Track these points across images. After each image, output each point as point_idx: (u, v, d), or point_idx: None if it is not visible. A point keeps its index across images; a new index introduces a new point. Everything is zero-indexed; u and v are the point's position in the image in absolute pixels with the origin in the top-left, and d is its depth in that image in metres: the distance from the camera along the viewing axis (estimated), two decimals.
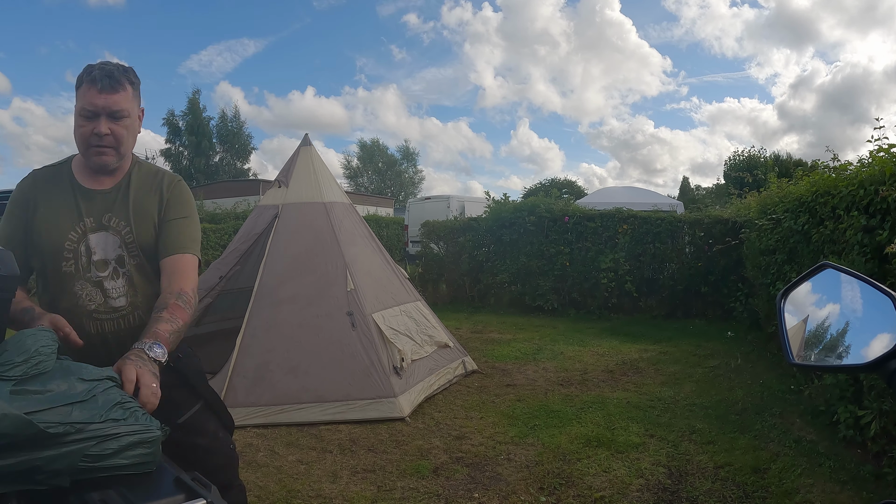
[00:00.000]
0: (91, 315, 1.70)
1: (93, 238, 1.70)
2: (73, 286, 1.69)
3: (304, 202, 5.11)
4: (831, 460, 3.40)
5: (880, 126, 3.90)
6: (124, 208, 1.74)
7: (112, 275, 1.72)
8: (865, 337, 0.91)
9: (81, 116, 1.65)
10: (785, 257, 5.13)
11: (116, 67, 1.68)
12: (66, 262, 1.69)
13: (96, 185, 1.74)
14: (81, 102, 1.64)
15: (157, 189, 1.80)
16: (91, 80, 1.62)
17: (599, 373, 5.53)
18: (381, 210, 26.46)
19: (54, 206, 1.70)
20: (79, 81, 1.66)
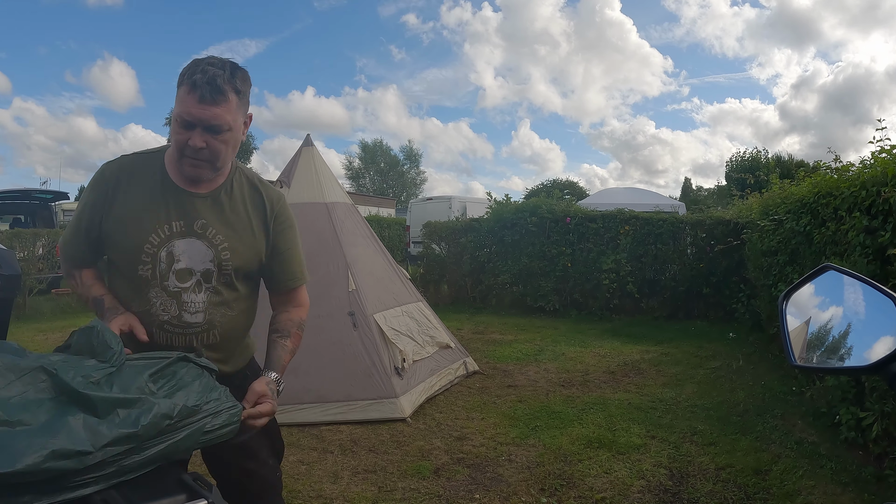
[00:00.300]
0: (162, 326, 1.55)
1: (179, 244, 1.54)
2: (148, 292, 1.54)
3: (306, 202, 5.11)
4: (833, 462, 3.39)
5: (882, 127, 3.90)
6: (222, 220, 1.58)
7: (194, 288, 1.55)
8: (867, 339, 0.91)
9: (177, 122, 1.46)
10: (787, 258, 5.12)
11: (222, 73, 1.45)
12: (143, 265, 1.52)
13: (191, 187, 1.56)
14: (179, 107, 1.45)
15: (260, 206, 1.65)
16: (192, 85, 1.42)
17: (601, 374, 5.53)
18: (382, 211, 26.47)
19: (139, 200, 1.53)
20: (180, 79, 1.46)
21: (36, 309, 9.19)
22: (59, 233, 11.36)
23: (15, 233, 10.28)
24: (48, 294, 10.05)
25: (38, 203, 12.94)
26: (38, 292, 9.62)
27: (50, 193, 13.18)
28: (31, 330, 7.84)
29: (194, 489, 1.14)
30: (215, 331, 1.60)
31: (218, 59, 1.49)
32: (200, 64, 1.46)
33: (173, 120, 1.48)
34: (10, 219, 13.99)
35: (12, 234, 10.12)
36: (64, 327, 8.09)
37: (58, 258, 1.64)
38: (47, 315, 9.07)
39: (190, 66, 1.46)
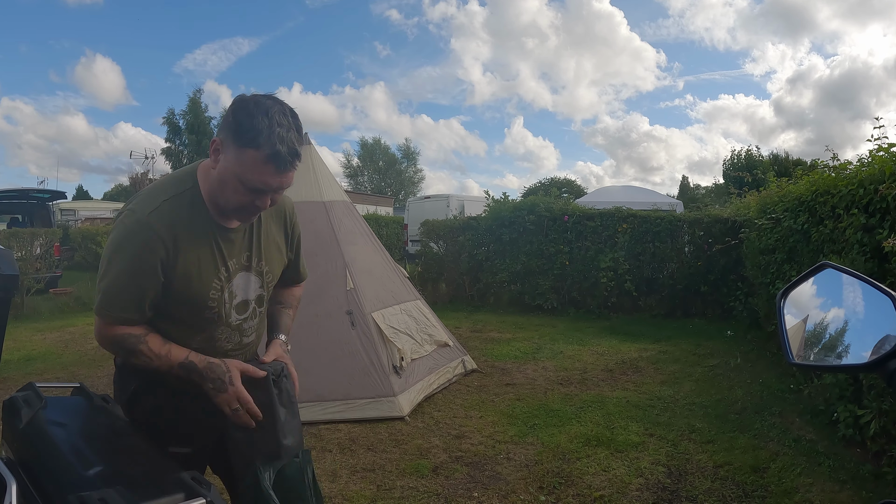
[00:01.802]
0: (225, 353, 1.59)
1: (235, 281, 1.57)
2: (214, 331, 1.58)
3: (304, 201, 5.09)
4: (831, 459, 3.40)
5: (880, 126, 3.91)
6: (260, 245, 1.62)
7: (251, 315, 1.64)
8: (865, 336, 0.91)
9: (243, 186, 1.39)
10: (784, 256, 5.13)
11: (297, 136, 1.40)
12: (209, 310, 1.54)
13: (231, 223, 1.55)
14: (250, 174, 1.37)
15: (280, 217, 1.70)
16: (273, 156, 1.35)
17: (599, 372, 5.54)
18: (380, 209, 26.45)
19: (196, 253, 1.49)
20: (245, 139, 1.35)
21: (34, 309, 9.17)
22: (57, 232, 11.37)
23: (13, 232, 10.27)
24: (46, 294, 10.04)
25: (35, 203, 12.92)
26: (35, 292, 9.60)
27: (47, 193, 13.16)
28: (29, 330, 7.83)
29: (193, 488, 1.14)
30: (259, 339, 1.75)
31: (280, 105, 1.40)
32: (269, 121, 1.35)
33: (234, 179, 1.40)
34: (7, 218, 13.98)
35: (10, 234, 10.11)
36: (62, 327, 8.09)
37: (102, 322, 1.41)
38: (45, 315, 9.05)
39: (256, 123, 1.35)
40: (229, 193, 1.43)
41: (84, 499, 1.05)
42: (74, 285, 10.66)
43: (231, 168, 1.39)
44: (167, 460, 1.34)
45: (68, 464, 1.25)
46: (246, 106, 1.38)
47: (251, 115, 1.36)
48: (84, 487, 1.11)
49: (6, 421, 1.52)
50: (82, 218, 20.54)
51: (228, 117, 1.40)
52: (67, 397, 1.71)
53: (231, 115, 1.39)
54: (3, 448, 1.51)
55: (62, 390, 1.81)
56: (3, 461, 1.25)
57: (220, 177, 1.43)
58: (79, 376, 5.43)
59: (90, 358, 6.24)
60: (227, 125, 1.40)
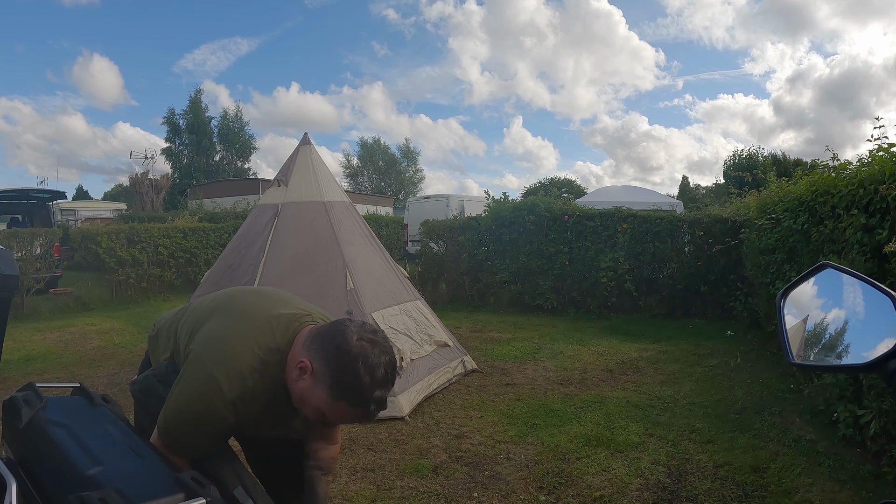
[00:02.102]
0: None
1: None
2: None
3: (304, 201, 5.10)
4: (831, 459, 3.40)
5: (880, 126, 3.90)
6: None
7: None
8: (865, 336, 0.91)
9: (320, 416, 1.48)
10: (784, 257, 5.13)
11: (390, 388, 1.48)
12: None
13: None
14: (334, 416, 1.46)
15: None
16: (365, 415, 1.43)
17: (599, 372, 5.54)
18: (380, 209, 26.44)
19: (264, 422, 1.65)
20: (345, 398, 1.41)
21: (34, 309, 9.17)
22: (57, 232, 11.36)
23: (13, 232, 10.26)
24: (46, 294, 10.03)
25: (35, 203, 12.92)
26: (35, 292, 9.60)
27: (47, 193, 13.16)
28: (29, 329, 7.83)
29: (193, 488, 1.14)
30: None
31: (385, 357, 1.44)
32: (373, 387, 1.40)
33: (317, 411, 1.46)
34: (7, 218, 13.97)
35: (10, 234, 10.10)
36: (62, 327, 8.09)
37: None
38: (45, 315, 9.05)
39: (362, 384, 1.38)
40: (306, 411, 1.49)
41: (84, 499, 1.05)
42: (74, 285, 10.66)
43: (318, 402, 1.44)
44: (167, 460, 1.34)
45: (68, 464, 1.25)
46: (348, 354, 1.39)
47: (355, 372, 1.38)
48: (84, 487, 1.11)
49: (6, 421, 1.52)
50: (82, 218, 20.55)
51: (325, 355, 1.42)
52: (67, 397, 1.71)
53: (330, 359, 1.41)
54: (3, 448, 1.51)
55: (62, 390, 1.81)
56: (3, 461, 1.25)
57: (303, 396, 1.47)
58: (79, 376, 5.43)
59: (90, 358, 6.24)
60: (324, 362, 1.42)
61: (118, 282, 10.44)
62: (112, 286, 10.40)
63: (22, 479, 1.23)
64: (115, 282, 10.42)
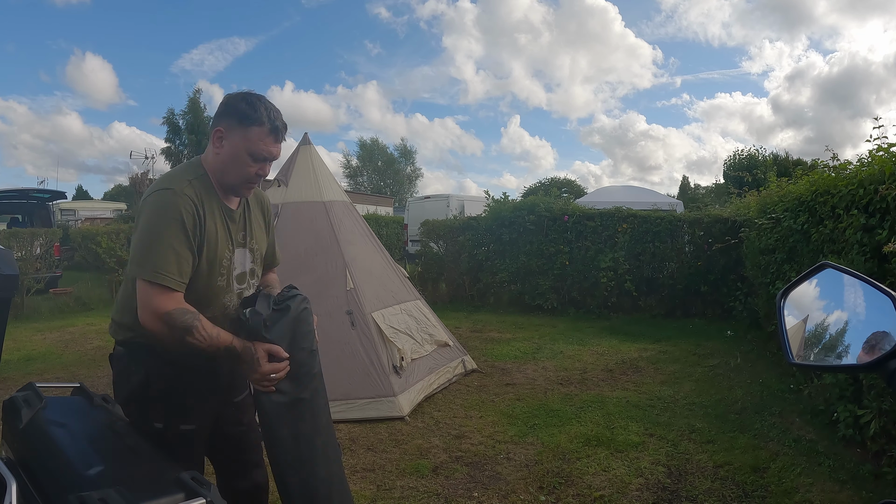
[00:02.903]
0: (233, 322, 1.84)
1: (236, 254, 1.86)
2: (223, 298, 1.83)
3: (304, 201, 5.10)
4: (831, 459, 3.40)
5: (879, 126, 3.90)
6: (251, 226, 1.92)
7: (247, 286, 1.91)
8: (866, 337, 0.91)
9: (251, 157, 1.73)
10: (784, 256, 5.13)
11: (281, 114, 1.78)
12: (221, 277, 1.80)
13: (232, 206, 1.86)
14: (256, 146, 1.72)
15: (259, 205, 2.00)
16: (273, 128, 1.73)
17: (599, 372, 5.54)
18: (380, 209, 26.45)
19: (215, 224, 1.77)
20: (250, 120, 1.71)
21: (34, 309, 9.17)
22: (57, 232, 11.35)
23: (13, 232, 10.26)
24: (46, 294, 10.03)
25: (35, 202, 12.91)
26: (35, 292, 9.60)
27: (47, 193, 13.15)
28: (29, 329, 7.83)
29: (193, 488, 1.14)
30: None
31: (266, 98, 1.78)
32: (264, 106, 1.73)
33: (243, 154, 1.73)
34: (7, 218, 13.97)
35: (10, 234, 10.10)
36: (62, 327, 8.09)
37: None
38: (45, 315, 9.05)
39: (257, 108, 1.71)
40: (238, 168, 1.75)
41: (84, 499, 1.05)
42: (74, 285, 10.66)
43: (240, 145, 1.72)
44: (167, 460, 1.34)
45: (68, 464, 1.25)
46: (244, 98, 1.74)
47: (251, 103, 1.72)
48: (84, 487, 1.11)
49: (6, 421, 1.52)
50: (82, 218, 20.56)
51: (229, 109, 1.73)
52: (67, 397, 1.71)
53: (231, 107, 1.73)
54: (3, 448, 1.51)
55: (62, 390, 1.82)
56: (3, 461, 1.25)
57: (228, 156, 1.75)
58: (79, 376, 5.43)
59: (90, 358, 6.24)
60: (229, 115, 1.73)
61: (118, 282, 10.42)
62: (112, 286, 10.40)
63: (22, 479, 1.23)
64: (115, 282, 10.41)
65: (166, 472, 1.23)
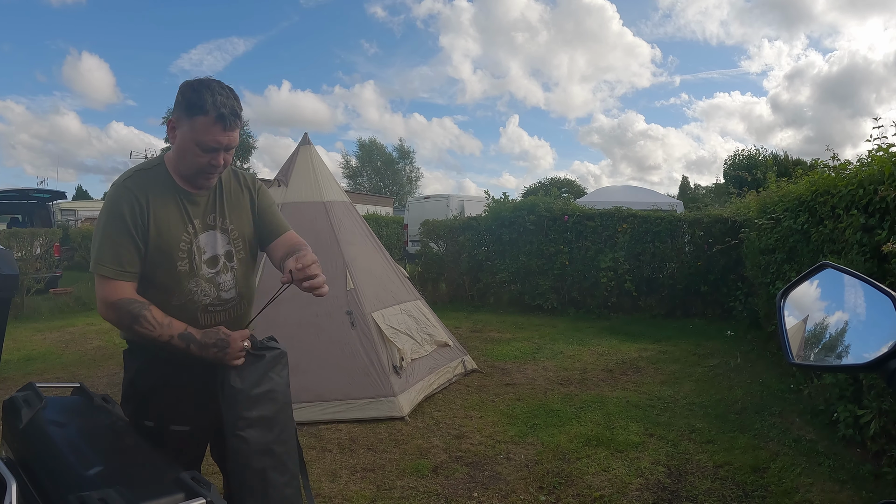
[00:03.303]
0: (206, 308, 1.79)
1: (202, 238, 1.80)
2: (188, 284, 1.76)
3: (304, 201, 5.10)
4: (831, 459, 3.40)
5: (879, 126, 3.90)
6: (224, 208, 1.85)
7: (223, 269, 1.83)
8: (865, 336, 0.91)
9: (199, 148, 1.66)
10: (784, 256, 5.13)
11: (235, 100, 1.69)
12: (181, 261, 1.75)
13: (195, 190, 1.80)
14: (203, 136, 1.65)
15: (244, 186, 1.93)
16: (219, 117, 1.64)
17: (599, 372, 5.54)
18: (380, 209, 26.45)
19: (165, 210, 1.73)
20: (195, 109, 1.64)
21: (34, 309, 9.17)
22: (57, 232, 11.36)
23: (13, 232, 10.26)
24: (46, 294, 10.04)
25: (35, 202, 12.92)
26: (35, 292, 9.60)
27: (47, 193, 13.15)
28: (29, 329, 7.83)
29: (193, 488, 1.14)
30: (244, 301, 1.90)
31: (218, 82, 1.69)
32: (211, 92, 1.64)
33: (190, 144, 1.67)
34: (7, 218, 13.97)
35: (10, 234, 10.11)
36: (62, 327, 8.09)
37: (116, 302, 1.55)
38: (45, 315, 9.05)
39: (205, 99, 1.62)
40: (189, 158, 1.69)
41: (84, 499, 1.05)
42: (74, 285, 10.66)
43: (187, 136, 1.66)
44: (167, 460, 1.34)
45: (68, 464, 1.25)
46: (191, 85, 1.67)
47: (196, 90, 1.64)
48: (84, 487, 1.11)
49: (6, 421, 1.52)
50: (82, 218, 20.55)
51: (179, 98, 1.68)
52: (67, 397, 1.71)
53: (181, 96, 1.67)
54: (3, 448, 1.51)
55: (62, 390, 1.82)
56: (3, 461, 1.25)
57: (179, 147, 1.70)
58: (79, 376, 5.43)
59: (90, 358, 6.24)
60: (178, 104, 1.68)
61: None
62: None
63: (22, 479, 1.23)
64: None
65: (166, 472, 1.23)
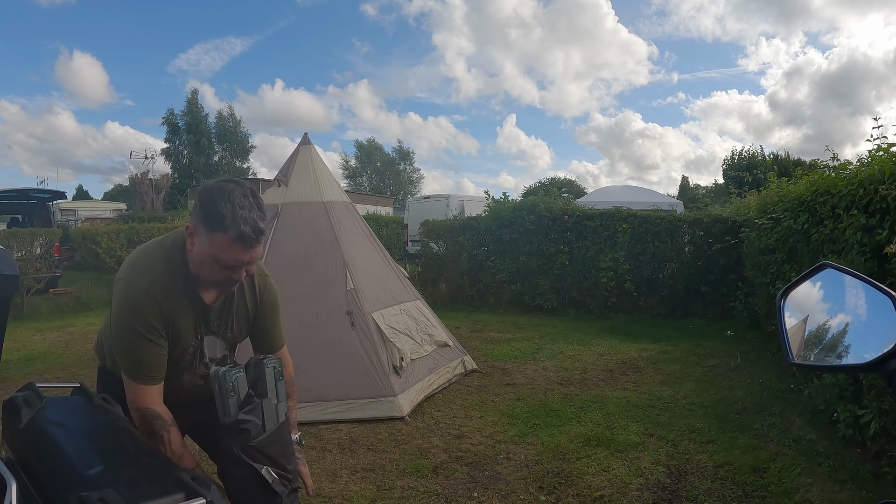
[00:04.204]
0: (186, 390, 1.84)
1: (205, 342, 1.82)
2: (182, 375, 1.81)
3: (304, 201, 5.10)
4: (831, 459, 3.40)
5: (879, 126, 3.90)
6: (229, 315, 1.84)
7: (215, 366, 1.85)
8: (865, 337, 0.91)
9: (218, 264, 1.59)
10: (784, 256, 5.13)
11: (258, 210, 1.59)
12: (183, 360, 1.79)
13: (210, 299, 1.77)
14: (221, 254, 1.57)
15: (251, 290, 1.87)
16: (239, 236, 1.54)
17: (599, 372, 5.54)
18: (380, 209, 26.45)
19: (182, 319, 1.72)
20: (213, 224, 1.54)
21: (34, 309, 9.17)
22: (57, 232, 11.35)
23: (13, 232, 10.26)
24: (46, 294, 10.03)
25: (35, 203, 12.91)
26: (35, 292, 9.60)
27: (47, 193, 13.14)
28: (29, 330, 7.83)
29: (192, 488, 1.14)
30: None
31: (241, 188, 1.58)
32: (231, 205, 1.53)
33: (209, 259, 1.59)
34: (7, 218, 13.96)
35: (10, 234, 10.10)
36: (62, 327, 8.09)
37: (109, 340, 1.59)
38: (45, 315, 9.05)
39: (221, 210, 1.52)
40: (208, 272, 1.63)
41: (84, 499, 1.05)
42: (74, 285, 10.66)
43: (205, 250, 1.58)
44: (167, 460, 1.34)
45: (68, 464, 1.25)
46: (210, 194, 1.56)
47: (215, 202, 1.54)
48: (84, 487, 1.11)
49: (6, 421, 1.52)
50: (82, 218, 20.54)
51: (197, 206, 1.59)
52: (67, 397, 1.71)
53: (199, 204, 1.58)
54: (3, 448, 1.51)
55: (62, 390, 1.81)
56: (3, 461, 1.25)
57: (197, 259, 1.63)
58: (79, 376, 5.42)
59: (90, 358, 6.23)
60: (196, 213, 1.59)
61: None
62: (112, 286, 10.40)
63: (22, 479, 1.23)
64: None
65: (166, 472, 1.23)
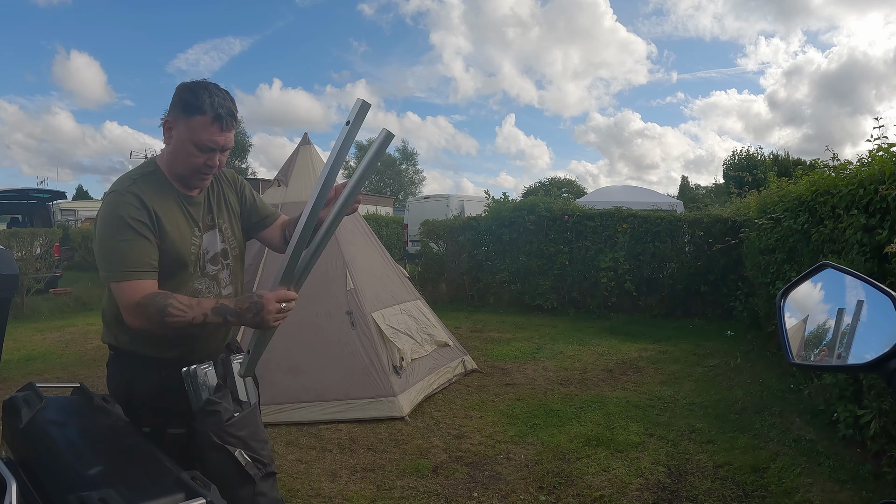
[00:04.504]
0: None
1: (204, 239, 1.85)
2: (194, 283, 1.82)
3: (304, 201, 5.09)
4: (831, 459, 3.40)
5: (879, 125, 3.90)
6: (218, 208, 1.91)
7: (221, 267, 1.91)
8: (865, 337, 0.91)
9: (196, 147, 1.68)
10: (784, 256, 5.13)
11: (231, 101, 1.71)
12: (191, 264, 1.80)
13: (192, 193, 1.83)
14: (200, 135, 1.67)
15: (231, 186, 1.99)
16: (216, 117, 1.65)
17: (599, 372, 5.53)
18: (380, 209, 26.44)
19: (172, 216, 1.76)
20: (192, 109, 1.65)
21: (34, 309, 9.17)
22: (57, 232, 11.35)
23: (12, 232, 10.26)
24: (46, 294, 10.03)
25: (35, 203, 12.91)
26: (35, 292, 9.60)
27: (47, 193, 13.15)
28: (29, 330, 7.83)
29: (193, 488, 1.14)
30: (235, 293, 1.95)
31: (214, 84, 1.71)
32: (209, 93, 1.66)
33: (187, 144, 1.68)
34: (7, 218, 13.96)
35: (10, 234, 10.10)
36: (62, 327, 8.09)
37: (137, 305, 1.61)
38: (45, 315, 9.05)
39: (203, 99, 1.64)
40: (185, 159, 1.72)
41: (84, 499, 1.05)
42: (74, 285, 10.66)
43: (184, 136, 1.69)
44: (167, 460, 1.34)
45: (68, 464, 1.25)
46: (188, 86, 1.69)
47: (193, 91, 1.67)
48: (84, 487, 1.11)
49: (6, 421, 1.52)
50: (82, 218, 20.53)
51: (175, 99, 1.70)
52: (67, 397, 1.71)
53: (177, 96, 1.69)
54: (3, 448, 1.51)
55: (62, 390, 1.81)
56: (3, 461, 1.25)
57: (175, 148, 1.72)
58: (79, 376, 5.42)
59: (90, 358, 6.24)
60: (175, 105, 1.69)
61: None
62: None
63: (22, 479, 1.23)
64: None
65: (166, 472, 1.23)
